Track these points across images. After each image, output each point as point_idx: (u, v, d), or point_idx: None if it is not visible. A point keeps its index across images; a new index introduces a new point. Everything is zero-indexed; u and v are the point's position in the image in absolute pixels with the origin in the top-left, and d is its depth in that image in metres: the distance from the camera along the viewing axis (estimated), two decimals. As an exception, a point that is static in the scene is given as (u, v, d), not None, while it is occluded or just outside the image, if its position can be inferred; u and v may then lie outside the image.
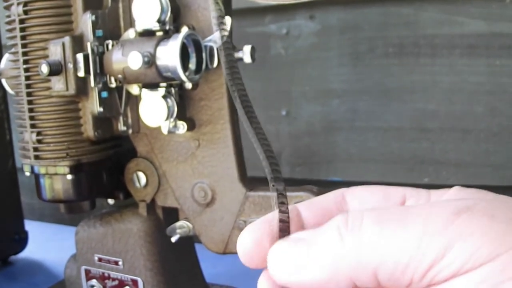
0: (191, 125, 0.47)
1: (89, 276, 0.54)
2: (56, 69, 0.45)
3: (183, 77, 0.42)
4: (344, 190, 0.28)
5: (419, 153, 0.71)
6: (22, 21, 0.46)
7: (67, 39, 0.45)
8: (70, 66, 0.45)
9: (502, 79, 0.65)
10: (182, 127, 0.46)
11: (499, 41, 0.65)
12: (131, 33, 0.45)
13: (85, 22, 0.45)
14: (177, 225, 0.50)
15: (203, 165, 0.48)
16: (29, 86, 0.47)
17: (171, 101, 0.45)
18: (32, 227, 0.82)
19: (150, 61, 0.42)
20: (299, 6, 0.73)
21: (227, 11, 0.44)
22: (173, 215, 0.50)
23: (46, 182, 0.49)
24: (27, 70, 0.47)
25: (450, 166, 0.70)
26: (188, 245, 0.55)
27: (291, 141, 0.77)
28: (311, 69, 0.75)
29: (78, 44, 0.45)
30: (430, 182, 0.71)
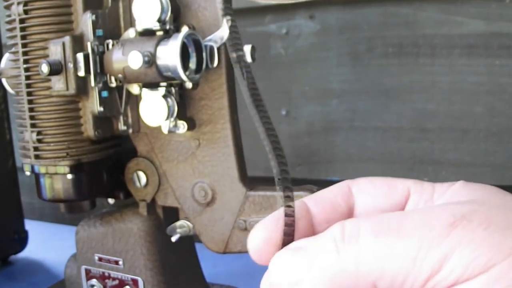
0: (191, 125, 0.47)
1: (89, 276, 0.54)
2: (56, 68, 0.45)
3: (184, 76, 0.42)
4: (349, 182, 0.28)
5: (419, 153, 0.71)
6: (22, 21, 0.46)
7: (67, 39, 0.45)
8: (70, 66, 0.45)
9: (501, 79, 0.66)
10: (182, 126, 0.46)
11: (499, 41, 0.65)
12: (131, 33, 0.45)
13: (85, 21, 0.45)
14: (177, 224, 0.50)
15: (203, 165, 0.48)
16: (29, 85, 0.47)
17: (171, 100, 0.45)
18: (32, 226, 0.82)
19: (151, 60, 0.42)
20: (299, 6, 0.73)
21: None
22: (173, 214, 0.50)
23: (46, 182, 0.49)
24: (27, 69, 0.47)
25: (449, 166, 0.70)
26: (188, 244, 0.55)
27: (290, 141, 0.77)
28: (310, 69, 0.75)
29: (78, 43, 0.45)
30: (430, 181, 0.71)
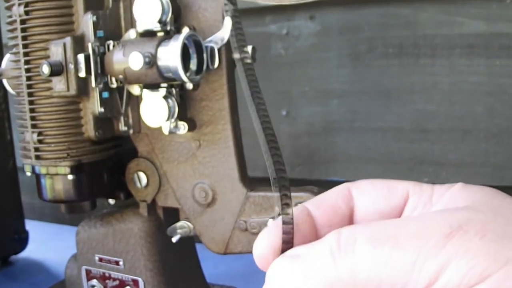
0: (192, 126, 0.47)
1: (89, 276, 0.55)
2: (57, 69, 0.45)
3: (184, 77, 0.42)
4: (349, 185, 0.28)
5: (419, 153, 0.71)
6: (23, 22, 0.46)
7: (68, 40, 0.45)
8: (71, 67, 0.45)
9: (501, 79, 0.66)
10: (183, 127, 0.46)
11: (499, 41, 0.65)
12: (132, 34, 0.45)
13: (86, 22, 0.45)
14: (178, 225, 0.50)
15: (204, 166, 0.48)
16: (30, 86, 0.47)
17: (172, 101, 0.45)
18: (32, 226, 0.82)
19: (151, 61, 0.42)
20: (299, 7, 0.73)
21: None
22: (174, 215, 0.51)
23: (47, 182, 0.49)
24: (28, 70, 0.47)
25: (449, 166, 0.70)
26: (188, 245, 0.56)
27: (290, 141, 0.77)
28: (311, 69, 0.75)
29: (79, 44, 0.45)
30: (430, 182, 0.71)
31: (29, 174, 0.49)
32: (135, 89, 0.47)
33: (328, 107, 0.75)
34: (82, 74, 0.45)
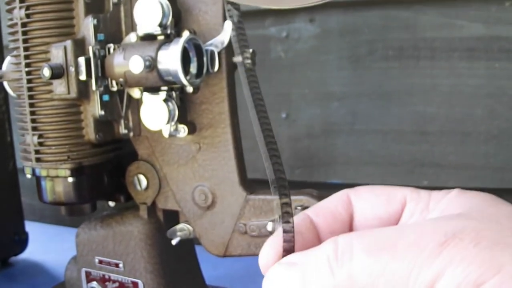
0: (192, 129, 0.47)
1: (89, 278, 0.55)
2: (58, 72, 0.45)
3: (184, 81, 0.42)
4: (348, 191, 0.28)
5: (419, 155, 0.71)
6: (24, 25, 0.46)
7: (68, 43, 0.45)
8: (71, 70, 0.45)
9: (501, 81, 0.66)
10: (183, 130, 0.46)
11: (498, 44, 0.65)
12: (132, 37, 0.45)
13: (86, 26, 0.46)
14: (178, 227, 0.50)
15: (203, 169, 0.48)
16: (31, 89, 0.47)
17: (172, 104, 0.45)
18: (32, 228, 0.82)
19: (152, 65, 0.42)
20: (299, 10, 0.73)
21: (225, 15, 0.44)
22: (174, 217, 0.51)
23: (47, 185, 0.49)
24: (29, 73, 0.47)
25: (449, 168, 0.70)
26: (188, 247, 0.56)
27: (290, 143, 0.77)
28: (310, 72, 0.75)
29: (80, 47, 0.45)
30: (430, 184, 0.71)
31: (29, 176, 0.50)
32: (135, 92, 0.47)
33: (328, 110, 0.75)
34: (83, 77, 0.45)
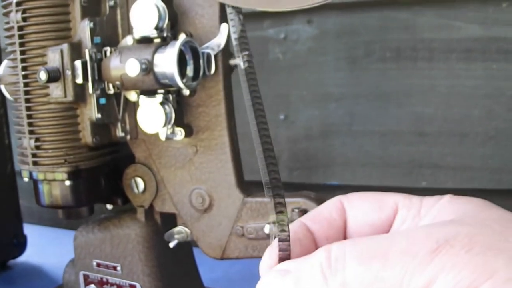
0: (188, 132, 0.47)
1: (87, 281, 0.55)
2: (55, 76, 0.45)
3: (181, 84, 0.42)
4: (341, 198, 0.28)
5: (417, 156, 0.71)
6: (21, 28, 0.46)
7: (65, 46, 0.45)
8: (68, 73, 0.45)
9: (499, 82, 0.66)
10: (179, 133, 0.46)
11: (496, 45, 0.65)
12: (129, 40, 0.45)
13: (83, 29, 0.46)
14: (175, 230, 0.50)
15: (200, 171, 0.48)
16: (27, 92, 0.47)
17: (168, 107, 0.45)
18: (31, 231, 0.82)
19: (148, 68, 0.42)
20: (297, 11, 0.73)
21: (224, 16, 0.44)
22: (171, 220, 0.51)
23: (44, 188, 0.49)
24: (25, 76, 0.47)
25: (447, 169, 0.70)
26: (186, 250, 0.56)
27: (289, 145, 0.77)
28: (308, 73, 0.75)
29: (76, 51, 0.45)
30: (428, 185, 0.71)
31: (26, 179, 0.50)
32: (132, 95, 0.47)
33: (326, 111, 0.75)
34: (79, 80, 0.45)
